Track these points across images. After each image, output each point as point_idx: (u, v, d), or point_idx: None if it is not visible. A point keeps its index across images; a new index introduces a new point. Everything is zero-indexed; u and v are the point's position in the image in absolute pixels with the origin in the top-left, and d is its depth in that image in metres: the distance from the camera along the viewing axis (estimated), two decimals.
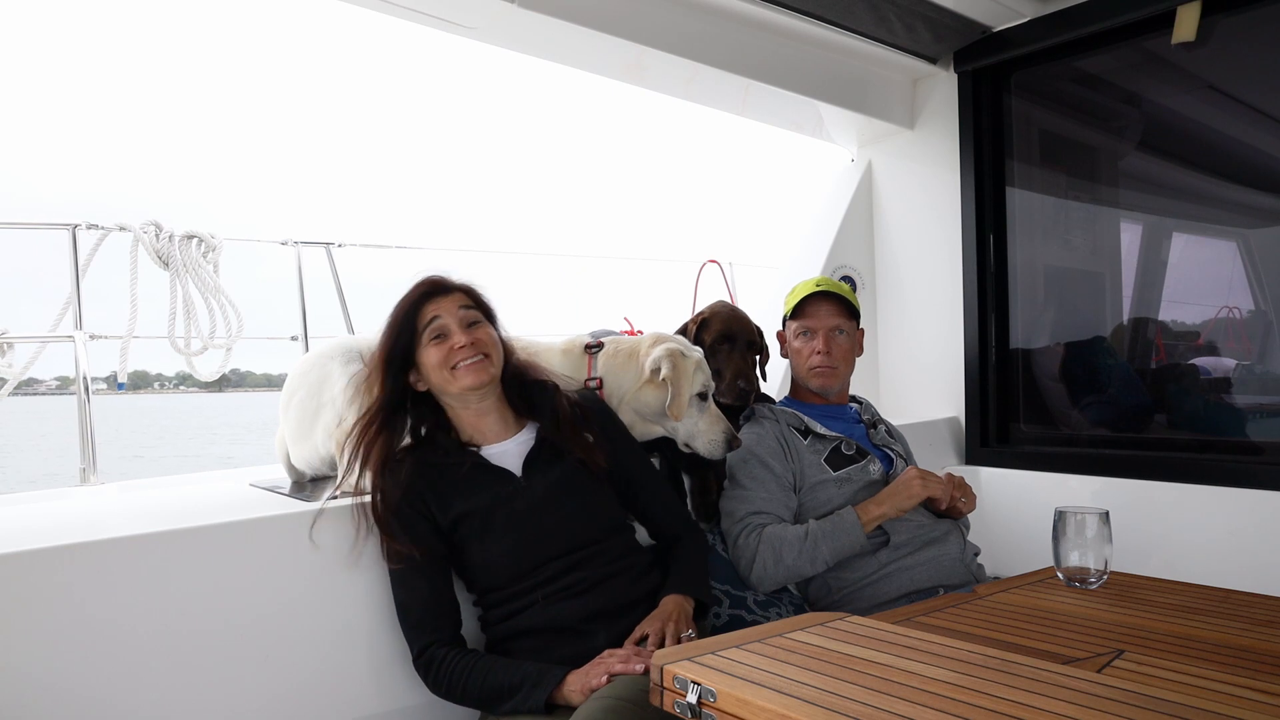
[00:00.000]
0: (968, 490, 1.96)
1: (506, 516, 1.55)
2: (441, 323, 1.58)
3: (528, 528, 1.55)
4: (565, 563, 1.55)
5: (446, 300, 1.61)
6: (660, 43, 2.35)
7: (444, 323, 1.58)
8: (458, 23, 2.18)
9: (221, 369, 2.49)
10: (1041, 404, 2.83)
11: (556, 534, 1.57)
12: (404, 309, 1.61)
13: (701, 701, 1.04)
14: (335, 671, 1.56)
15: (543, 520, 1.57)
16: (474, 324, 1.60)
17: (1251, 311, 2.55)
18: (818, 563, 1.82)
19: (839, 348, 2.05)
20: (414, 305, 1.60)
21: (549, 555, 1.55)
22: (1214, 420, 2.58)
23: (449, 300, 1.61)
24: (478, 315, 1.62)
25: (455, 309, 1.60)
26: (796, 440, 1.98)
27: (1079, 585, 1.56)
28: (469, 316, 1.61)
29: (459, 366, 1.56)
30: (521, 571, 1.54)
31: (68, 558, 1.34)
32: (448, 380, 1.57)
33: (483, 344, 1.58)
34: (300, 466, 1.88)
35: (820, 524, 1.85)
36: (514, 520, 1.55)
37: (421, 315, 1.59)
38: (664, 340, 1.85)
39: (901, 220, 3.11)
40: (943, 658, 1.10)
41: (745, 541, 1.85)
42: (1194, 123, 2.70)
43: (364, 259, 3.18)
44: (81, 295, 2.30)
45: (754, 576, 1.84)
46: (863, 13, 2.53)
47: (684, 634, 1.48)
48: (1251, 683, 1.09)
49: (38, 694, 1.30)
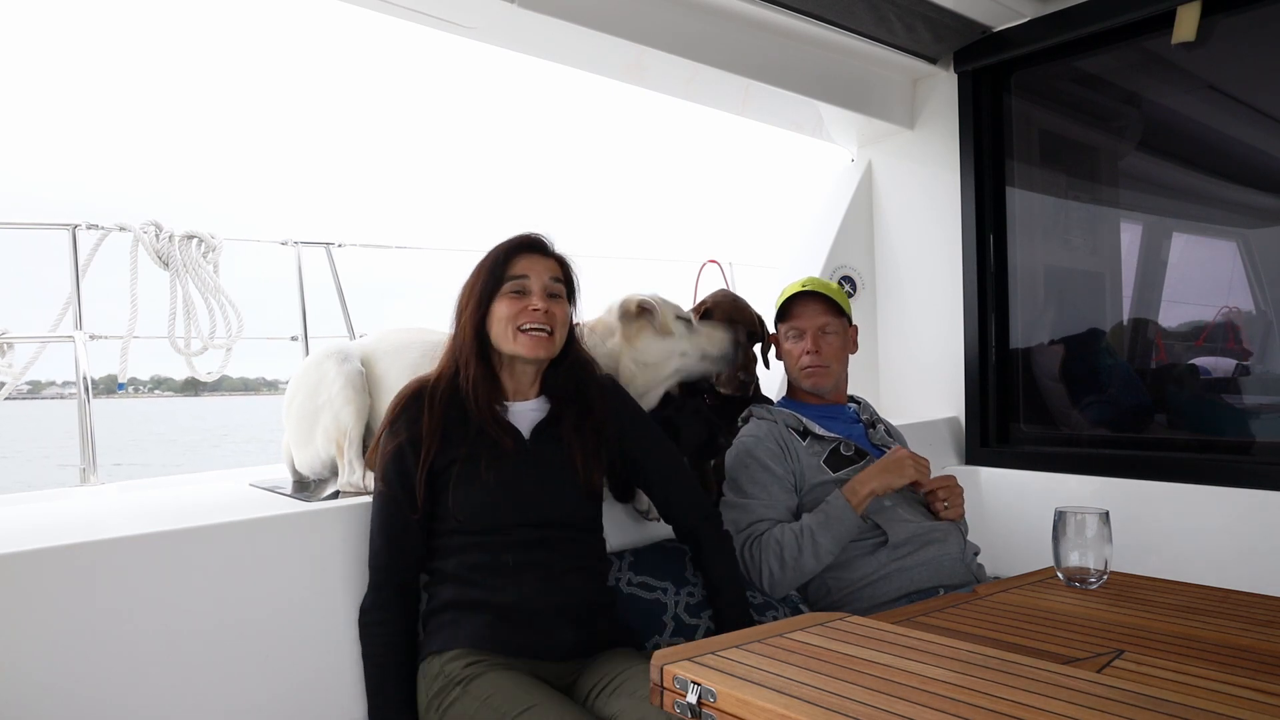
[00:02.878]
0: (955, 494, 1.95)
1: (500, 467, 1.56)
2: (526, 282, 1.59)
3: (521, 484, 1.57)
4: (538, 534, 1.56)
5: (541, 262, 1.62)
6: (660, 43, 2.35)
7: (528, 283, 1.59)
8: (458, 23, 2.18)
9: (221, 369, 2.49)
10: (1041, 404, 2.83)
11: (539, 501, 1.58)
12: (497, 255, 1.62)
13: (701, 701, 1.04)
14: (335, 671, 1.56)
15: (534, 484, 1.58)
16: (554, 296, 1.61)
17: (1251, 311, 2.55)
18: (821, 554, 1.82)
19: (828, 346, 2.05)
20: (507, 253, 1.61)
21: (527, 518, 1.56)
22: (1214, 420, 2.58)
23: (543, 263, 1.62)
24: (561, 289, 1.63)
25: (545, 275, 1.61)
26: (795, 441, 1.98)
27: (1079, 585, 1.56)
28: (553, 288, 1.61)
29: (524, 330, 1.57)
30: (496, 522, 1.55)
31: (68, 558, 1.34)
32: (507, 338, 1.58)
33: (554, 318, 1.59)
34: (304, 471, 1.89)
35: (812, 516, 1.85)
36: (506, 472, 1.56)
37: (512, 265, 1.60)
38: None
39: (901, 220, 3.11)
40: (943, 658, 1.10)
41: (751, 553, 1.85)
42: (1194, 123, 2.70)
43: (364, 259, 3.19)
44: (81, 295, 2.30)
45: (766, 585, 1.84)
46: (863, 13, 2.53)
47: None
48: (1251, 683, 1.09)
49: (38, 694, 1.30)
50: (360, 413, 1.80)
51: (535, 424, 1.64)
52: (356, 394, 1.79)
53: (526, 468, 1.59)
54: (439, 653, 1.52)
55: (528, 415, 1.65)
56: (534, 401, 1.68)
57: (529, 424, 1.64)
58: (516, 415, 1.64)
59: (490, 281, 1.60)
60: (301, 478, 1.90)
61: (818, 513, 1.85)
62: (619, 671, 1.48)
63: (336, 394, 1.79)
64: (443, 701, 1.46)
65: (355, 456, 1.79)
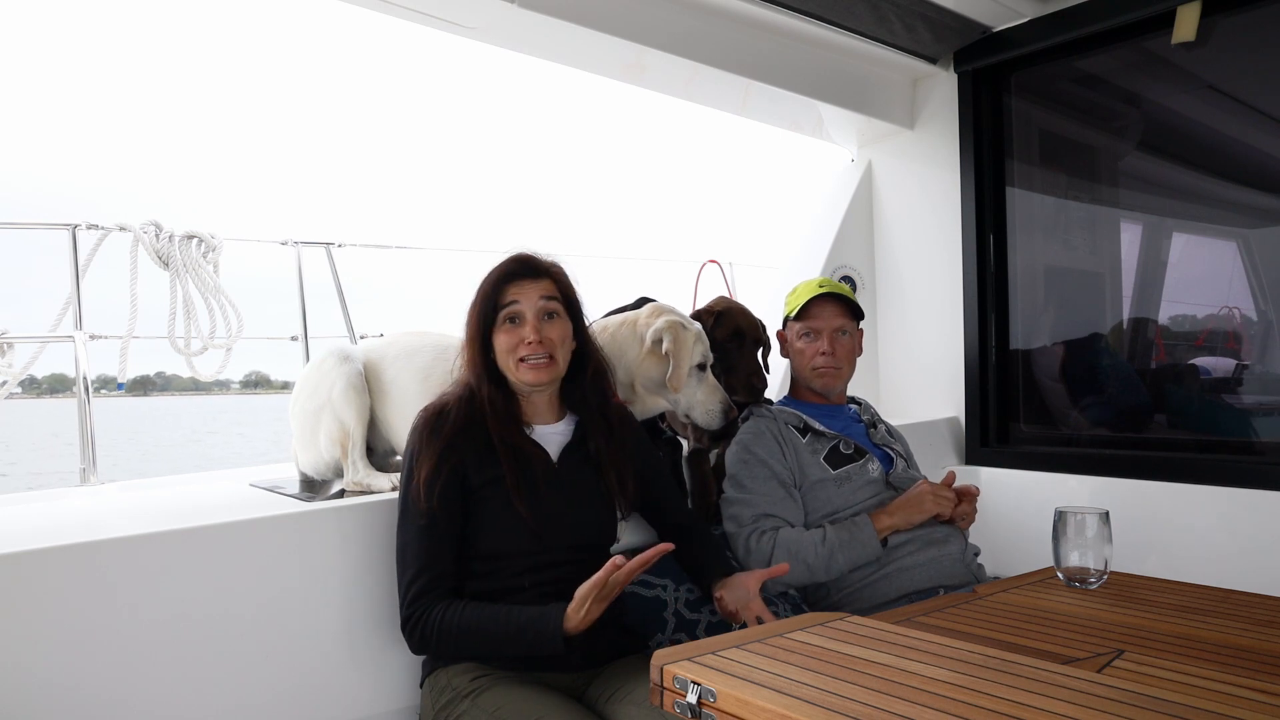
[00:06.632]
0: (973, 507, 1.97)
1: (528, 495, 1.54)
2: (518, 309, 1.58)
3: (548, 512, 1.55)
4: (561, 557, 1.55)
5: (531, 286, 1.60)
6: (660, 43, 2.35)
7: (520, 309, 1.58)
8: (458, 23, 2.18)
9: (221, 369, 2.49)
10: (1041, 404, 2.83)
11: (565, 528, 1.57)
12: (488, 286, 1.61)
13: (701, 701, 1.04)
14: (335, 671, 1.56)
15: (562, 511, 1.57)
16: (551, 315, 1.60)
17: (1251, 311, 2.55)
18: (832, 571, 1.84)
19: (842, 348, 2.06)
20: (497, 284, 1.60)
21: (553, 544, 1.55)
22: (1214, 420, 2.58)
23: (533, 287, 1.60)
24: (557, 307, 1.61)
25: (536, 298, 1.59)
26: (795, 438, 1.98)
27: (1079, 585, 1.56)
28: (548, 308, 1.59)
29: (524, 361, 1.57)
30: (523, 548, 1.53)
31: (68, 558, 1.34)
32: (511, 369, 1.59)
33: (551, 344, 1.58)
34: (308, 471, 1.89)
35: (837, 532, 1.85)
36: (534, 500, 1.54)
37: (503, 295, 1.59)
38: (663, 311, 1.86)
39: (901, 220, 3.11)
40: (943, 658, 1.10)
41: (758, 545, 1.85)
42: (1194, 123, 2.70)
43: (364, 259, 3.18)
44: (81, 295, 2.30)
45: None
46: (863, 13, 2.53)
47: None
48: (1251, 683, 1.09)
49: (38, 694, 1.30)
50: (361, 413, 1.80)
51: (563, 446, 1.64)
52: (357, 395, 1.80)
53: (555, 493, 1.58)
54: (446, 665, 1.52)
55: (555, 438, 1.64)
56: (559, 424, 1.67)
57: (557, 446, 1.63)
58: (543, 438, 1.63)
59: (486, 312, 1.59)
60: (308, 477, 1.91)
61: (843, 529, 1.85)
62: (627, 679, 1.48)
63: (338, 395, 1.79)
64: (450, 714, 1.45)
65: (359, 456, 1.79)
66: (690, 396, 1.84)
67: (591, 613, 1.40)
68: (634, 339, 1.84)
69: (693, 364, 1.82)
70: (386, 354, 1.86)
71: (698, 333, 1.84)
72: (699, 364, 1.83)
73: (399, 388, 1.82)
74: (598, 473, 1.63)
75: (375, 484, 1.75)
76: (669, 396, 1.85)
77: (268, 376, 34.10)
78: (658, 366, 1.82)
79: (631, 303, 2.02)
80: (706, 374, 1.85)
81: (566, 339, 1.62)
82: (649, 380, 1.84)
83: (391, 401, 1.83)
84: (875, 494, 1.94)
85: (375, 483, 1.75)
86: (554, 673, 1.52)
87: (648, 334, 1.82)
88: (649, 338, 1.82)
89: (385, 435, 1.87)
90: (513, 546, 1.54)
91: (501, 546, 1.54)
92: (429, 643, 1.47)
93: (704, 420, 1.85)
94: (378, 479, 1.76)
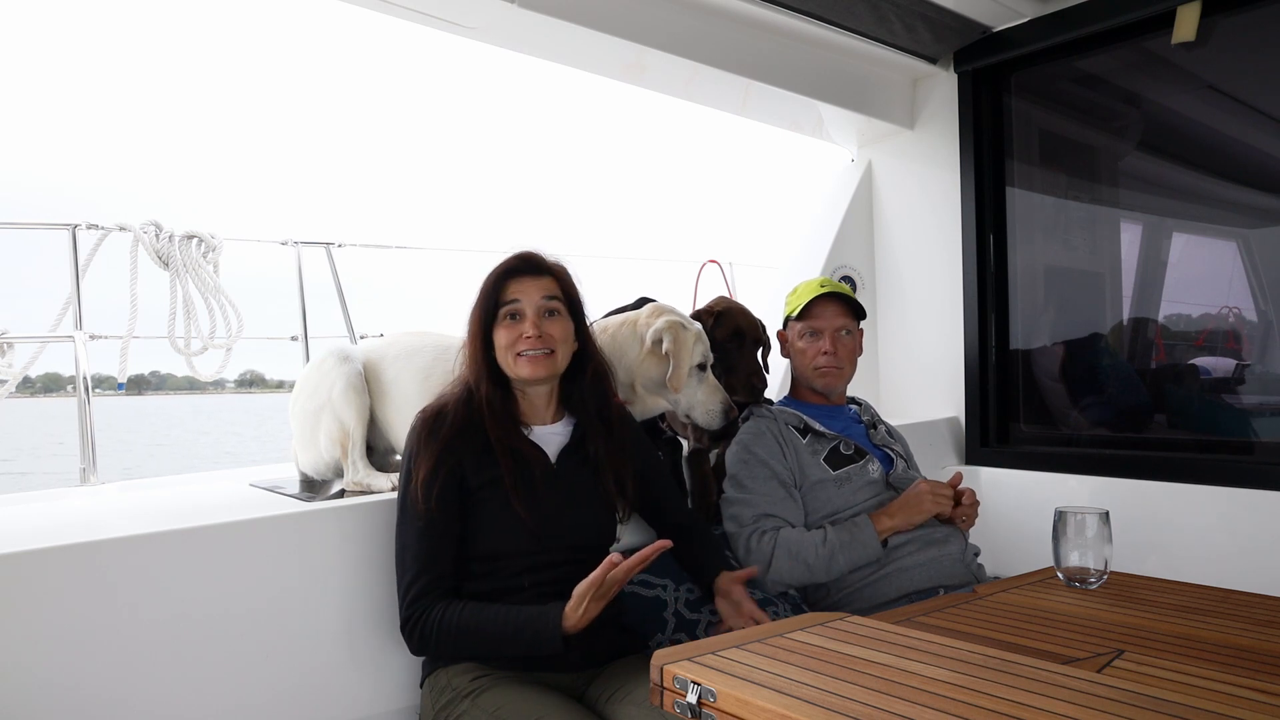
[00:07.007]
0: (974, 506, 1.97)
1: (527, 496, 1.54)
2: (518, 306, 1.59)
3: (547, 513, 1.55)
4: (559, 557, 1.55)
5: (533, 284, 1.60)
6: (660, 43, 2.35)
7: (520, 306, 1.59)
8: (458, 23, 2.18)
9: (221, 369, 2.49)
10: (1041, 404, 2.83)
11: (564, 528, 1.57)
12: (490, 283, 1.61)
13: (701, 701, 1.04)
14: (335, 671, 1.56)
15: (560, 512, 1.57)
16: (552, 313, 1.60)
17: (1251, 311, 2.55)
18: (833, 572, 1.84)
19: (844, 347, 2.06)
20: (499, 280, 1.61)
21: (551, 544, 1.55)
22: (1214, 420, 2.58)
23: (535, 285, 1.60)
24: (558, 305, 1.62)
25: (538, 296, 1.60)
26: (795, 438, 1.98)
27: (1079, 585, 1.56)
28: (549, 306, 1.60)
29: (522, 355, 1.57)
30: (522, 548, 1.53)
31: (68, 558, 1.34)
32: (509, 364, 1.59)
33: (551, 339, 1.58)
34: (308, 471, 1.89)
35: (838, 534, 1.85)
36: (533, 501, 1.55)
37: (504, 292, 1.60)
38: (664, 311, 1.86)
39: (901, 220, 3.11)
40: (943, 658, 1.10)
41: (759, 545, 1.85)
42: (1194, 123, 2.70)
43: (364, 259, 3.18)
44: (81, 295, 2.30)
45: (769, 578, 1.85)
46: (863, 13, 2.53)
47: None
48: (1251, 683, 1.09)
49: (38, 694, 1.30)
50: (361, 413, 1.80)
51: (562, 447, 1.64)
52: (357, 395, 1.80)
53: (553, 494, 1.58)
54: (447, 665, 1.51)
55: (553, 439, 1.65)
56: (557, 426, 1.67)
57: (555, 447, 1.64)
58: (541, 439, 1.63)
59: (487, 309, 1.60)
60: (308, 477, 1.91)
61: (844, 531, 1.85)
62: (627, 679, 1.48)
63: (338, 395, 1.79)
64: (450, 714, 1.45)
65: (359, 456, 1.79)
66: (690, 397, 1.84)
67: (589, 611, 1.40)
68: (634, 339, 1.84)
69: (693, 364, 1.82)
70: (386, 354, 1.86)
71: (698, 333, 1.84)
72: (699, 364, 1.83)
73: (399, 388, 1.82)
74: (596, 474, 1.63)
75: (375, 484, 1.75)
76: (669, 397, 1.85)
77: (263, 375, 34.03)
78: (658, 367, 1.82)
79: (631, 303, 2.02)
80: (707, 374, 1.85)
81: (567, 337, 1.62)
82: (649, 380, 1.84)
83: (391, 401, 1.83)
84: (875, 495, 1.94)
85: (375, 483, 1.75)
86: (554, 673, 1.52)
87: (648, 334, 1.82)
88: (649, 338, 1.82)
89: (385, 435, 1.87)
90: (511, 547, 1.54)
91: (500, 547, 1.54)
92: (429, 643, 1.47)
93: (704, 420, 1.85)
94: (378, 479, 1.76)
